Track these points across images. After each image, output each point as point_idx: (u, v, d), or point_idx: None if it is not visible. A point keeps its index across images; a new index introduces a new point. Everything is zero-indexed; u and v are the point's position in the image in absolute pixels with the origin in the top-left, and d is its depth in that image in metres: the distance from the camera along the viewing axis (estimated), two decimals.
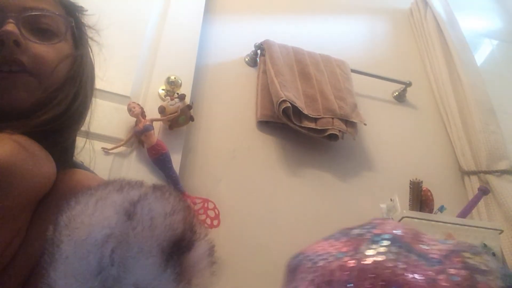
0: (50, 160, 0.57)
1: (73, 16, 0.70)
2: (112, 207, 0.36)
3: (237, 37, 1.77)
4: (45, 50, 0.62)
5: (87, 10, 0.73)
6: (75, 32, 0.70)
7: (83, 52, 0.71)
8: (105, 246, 0.34)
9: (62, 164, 0.61)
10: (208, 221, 1.20)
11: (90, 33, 0.74)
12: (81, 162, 0.80)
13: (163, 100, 1.34)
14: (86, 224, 0.36)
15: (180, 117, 1.28)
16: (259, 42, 1.67)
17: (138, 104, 1.24)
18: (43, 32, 0.62)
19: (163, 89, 1.37)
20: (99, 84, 1.27)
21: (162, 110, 1.26)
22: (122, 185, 0.40)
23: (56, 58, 0.63)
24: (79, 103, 0.68)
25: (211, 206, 1.22)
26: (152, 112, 1.28)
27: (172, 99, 1.28)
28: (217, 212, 1.22)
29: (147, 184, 0.41)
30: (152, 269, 0.35)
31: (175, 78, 1.36)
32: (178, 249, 0.37)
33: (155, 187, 0.40)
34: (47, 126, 0.61)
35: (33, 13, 0.61)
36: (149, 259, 0.35)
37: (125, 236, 0.35)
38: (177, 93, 1.32)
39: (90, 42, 0.75)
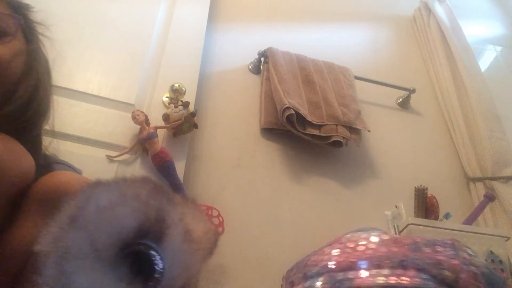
0: (28, 154, 0.58)
1: (21, 14, 0.71)
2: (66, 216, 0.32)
3: (240, 45, 1.78)
4: (0, 50, 0.62)
5: (34, 7, 0.74)
6: (25, 29, 0.71)
7: (35, 47, 0.72)
8: (59, 258, 0.31)
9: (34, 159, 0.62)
10: None
11: (40, 29, 0.76)
12: (63, 161, 0.80)
13: (167, 107, 1.34)
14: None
15: (184, 124, 1.28)
16: (263, 49, 1.68)
17: (142, 112, 1.24)
18: None
19: (167, 97, 1.38)
20: (103, 92, 1.29)
21: (166, 117, 1.26)
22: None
23: (9, 55, 0.64)
24: (41, 94, 0.70)
25: (215, 213, 1.22)
26: (156, 120, 1.29)
27: (176, 107, 1.28)
28: (221, 220, 1.21)
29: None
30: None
31: (179, 85, 1.37)
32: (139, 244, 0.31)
33: (98, 181, 0.34)
34: (13, 118, 0.63)
35: None
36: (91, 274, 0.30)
37: (69, 247, 0.31)
38: (181, 101, 1.32)
39: (41, 37, 0.76)
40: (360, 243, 0.85)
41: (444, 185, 1.67)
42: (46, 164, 0.71)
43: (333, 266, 0.82)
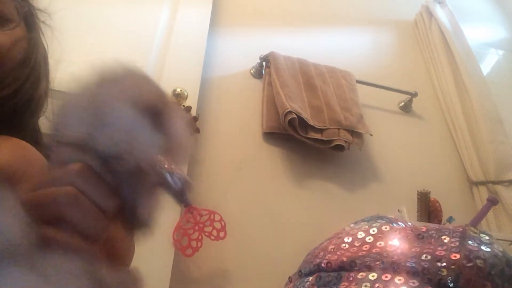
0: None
1: (24, 0, 0.71)
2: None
3: (242, 50, 1.78)
4: (1, 37, 0.62)
5: None
6: (27, 16, 0.71)
7: (35, 35, 0.72)
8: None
9: None
10: (215, 233, 1.19)
11: (42, 16, 0.75)
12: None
13: None
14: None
15: None
16: (264, 54, 1.68)
17: None
18: None
19: None
20: None
21: None
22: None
23: (10, 43, 0.63)
24: (31, 83, 0.69)
25: (217, 218, 1.21)
26: None
27: None
28: (223, 224, 1.21)
29: None
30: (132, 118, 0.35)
31: (181, 90, 1.37)
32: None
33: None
34: (7, 104, 0.62)
35: None
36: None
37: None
38: (183, 105, 1.33)
39: (42, 25, 0.76)
40: (359, 236, 0.84)
41: (447, 189, 1.66)
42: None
43: (325, 266, 0.81)
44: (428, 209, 1.39)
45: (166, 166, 0.37)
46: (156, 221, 0.37)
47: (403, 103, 1.90)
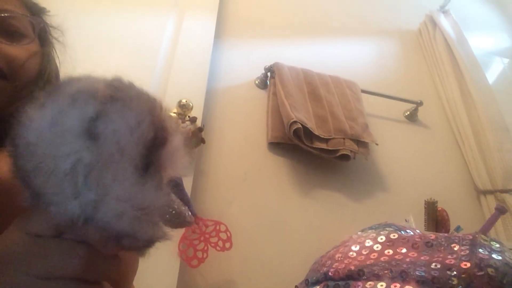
0: None
1: (39, 16, 0.72)
2: (71, 130, 0.32)
3: (247, 60, 1.79)
4: (17, 51, 0.63)
5: (49, 11, 0.75)
6: (42, 32, 0.72)
7: (48, 50, 0.73)
8: (76, 175, 0.32)
9: None
10: (220, 243, 1.19)
11: (54, 33, 0.77)
12: None
13: None
14: (48, 155, 0.32)
15: (192, 139, 1.29)
16: (269, 64, 1.69)
17: None
18: (11, 34, 0.64)
19: (174, 112, 1.39)
20: None
21: None
22: (73, 96, 0.34)
23: (25, 57, 0.64)
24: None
25: (223, 228, 1.21)
26: None
27: (183, 122, 1.29)
28: (229, 235, 1.21)
29: (102, 90, 0.35)
30: (131, 189, 0.33)
31: (186, 101, 1.38)
32: (152, 152, 0.35)
33: (112, 98, 0.35)
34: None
35: (1, 16, 0.62)
36: (125, 181, 0.32)
37: (95, 162, 0.32)
38: (189, 116, 1.33)
39: (55, 41, 0.77)
40: (366, 244, 0.83)
41: (454, 198, 1.65)
42: None
43: (332, 274, 0.80)
44: (436, 219, 1.37)
45: (175, 210, 0.37)
46: (162, 237, 0.37)
47: (408, 112, 1.89)
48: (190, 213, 0.58)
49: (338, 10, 2.23)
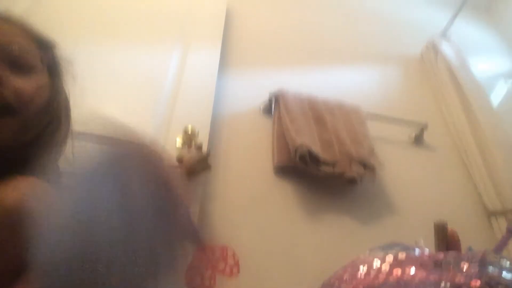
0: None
1: (48, 49, 0.74)
2: None
3: (252, 87, 1.82)
4: (25, 84, 0.65)
5: (58, 44, 0.77)
6: (50, 64, 0.74)
7: (57, 82, 0.75)
8: None
9: None
10: (228, 269, 1.18)
11: (63, 65, 0.79)
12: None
13: (181, 149, 1.36)
14: None
15: (198, 166, 1.29)
16: (274, 91, 1.72)
17: None
18: (21, 66, 0.65)
19: (180, 139, 1.40)
20: None
21: (180, 159, 1.28)
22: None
23: (34, 89, 0.66)
24: (53, 127, 0.71)
25: (230, 253, 1.20)
26: None
27: (189, 148, 1.30)
28: (236, 260, 1.19)
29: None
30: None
31: (192, 128, 1.39)
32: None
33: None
34: (29, 148, 0.65)
35: (10, 49, 0.64)
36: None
37: None
38: (195, 143, 1.34)
39: (63, 73, 0.79)
40: (374, 264, 0.81)
41: (464, 219, 1.63)
42: None
43: None
44: (446, 240, 1.35)
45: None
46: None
47: (414, 135, 1.89)
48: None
49: (340, 37, 2.27)
